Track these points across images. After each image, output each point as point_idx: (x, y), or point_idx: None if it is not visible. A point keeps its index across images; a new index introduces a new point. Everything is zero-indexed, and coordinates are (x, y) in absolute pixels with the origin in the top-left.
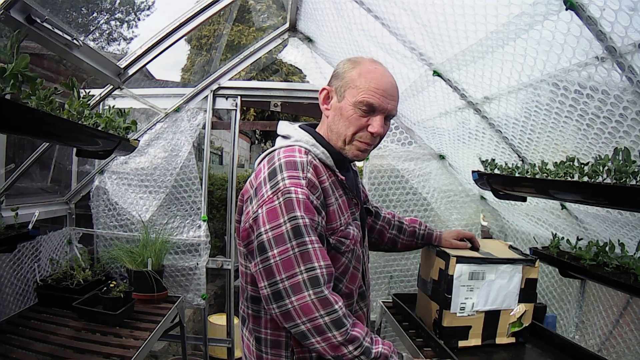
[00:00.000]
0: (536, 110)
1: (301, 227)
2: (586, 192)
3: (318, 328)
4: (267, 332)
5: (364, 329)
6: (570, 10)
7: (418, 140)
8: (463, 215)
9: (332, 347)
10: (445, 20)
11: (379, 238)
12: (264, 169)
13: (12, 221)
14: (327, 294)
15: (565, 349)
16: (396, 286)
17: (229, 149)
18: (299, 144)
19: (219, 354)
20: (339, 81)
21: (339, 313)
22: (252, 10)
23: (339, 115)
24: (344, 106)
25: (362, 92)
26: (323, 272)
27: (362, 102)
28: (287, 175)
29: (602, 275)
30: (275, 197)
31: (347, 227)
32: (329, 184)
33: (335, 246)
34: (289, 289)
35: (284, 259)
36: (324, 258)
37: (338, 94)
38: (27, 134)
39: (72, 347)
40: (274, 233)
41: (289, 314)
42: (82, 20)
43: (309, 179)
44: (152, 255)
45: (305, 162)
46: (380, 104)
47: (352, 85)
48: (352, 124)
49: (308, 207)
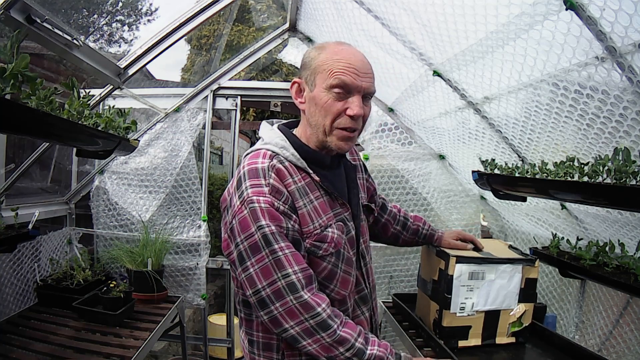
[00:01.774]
0: (536, 110)
1: (268, 236)
2: (586, 192)
3: (306, 331)
4: (258, 335)
5: (355, 329)
6: (570, 10)
7: (418, 140)
8: (463, 215)
9: (324, 348)
10: (445, 20)
11: (382, 231)
12: (235, 177)
13: (12, 221)
14: (308, 297)
15: (565, 349)
16: (396, 286)
17: (229, 149)
18: (267, 147)
19: (219, 354)
20: (307, 71)
21: (323, 315)
22: (252, 10)
23: (314, 105)
24: (316, 94)
25: (332, 73)
26: (299, 277)
27: (334, 84)
28: (249, 184)
29: (602, 275)
30: (244, 207)
31: (325, 229)
32: (298, 187)
33: (310, 250)
34: (272, 296)
35: (262, 267)
36: (298, 262)
37: (309, 84)
38: (27, 134)
39: (72, 347)
40: (248, 242)
41: (277, 320)
42: (82, 21)
43: (272, 185)
44: (152, 255)
45: (266, 167)
46: (353, 81)
47: (321, 69)
48: (329, 111)
49: (272, 214)
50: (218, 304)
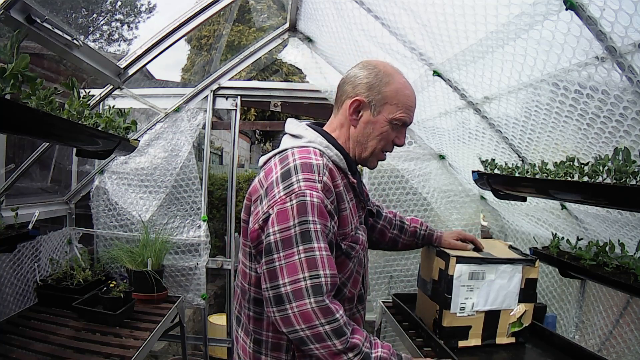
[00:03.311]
0: (536, 110)
1: (311, 232)
2: (586, 192)
3: (318, 336)
4: (268, 335)
5: (363, 335)
6: (570, 10)
7: (418, 140)
8: (463, 215)
9: (332, 354)
10: (445, 20)
11: (380, 237)
12: (276, 169)
13: (12, 221)
14: (329, 302)
15: (565, 349)
16: (396, 286)
17: (229, 149)
18: (313, 145)
19: (219, 354)
20: (372, 94)
21: (340, 322)
22: (252, 10)
23: (371, 129)
24: (379, 121)
25: (401, 110)
26: (327, 281)
27: (399, 120)
28: (302, 177)
29: (602, 275)
30: (288, 199)
31: (357, 231)
32: (342, 187)
33: (346, 251)
34: (291, 294)
35: (288, 263)
36: (331, 267)
37: (372, 108)
38: (27, 134)
39: (72, 347)
40: (282, 235)
41: (289, 319)
42: (82, 21)
43: (325, 183)
44: (152, 255)
45: (321, 165)
46: (412, 119)
47: (390, 102)
48: (384, 139)
49: (322, 211)
50: (218, 304)
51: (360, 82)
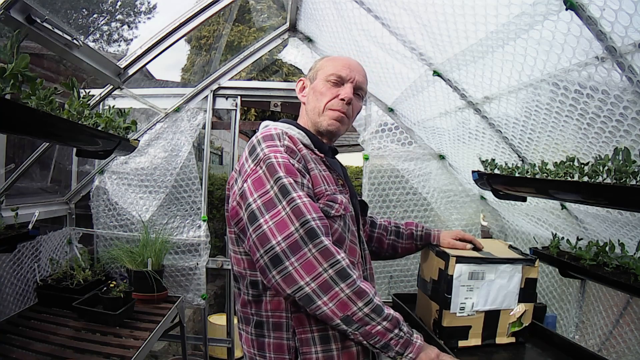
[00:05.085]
0: (536, 110)
1: (287, 186)
2: (586, 192)
3: (323, 285)
4: (268, 315)
5: (371, 287)
6: (570, 10)
7: (418, 140)
8: (463, 215)
9: (341, 304)
10: (445, 20)
11: (379, 246)
12: (245, 152)
13: (12, 221)
14: (328, 243)
15: (565, 349)
16: (396, 286)
17: (229, 149)
18: (274, 126)
19: (219, 354)
20: (311, 71)
21: (342, 263)
22: (252, 10)
23: (312, 93)
24: (316, 84)
25: (331, 68)
26: (317, 224)
27: (331, 75)
28: (265, 145)
29: (602, 275)
30: (258, 167)
31: (334, 194)
32: (306, 152)
33: (323, 210)
34: (287, 250)
35: (277, 222)
36: (316, 210)
37: (311, 80)
38: (27, 134)
39: (72, 347)
40: (262, 200)
41: (291, 277)
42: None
43: (287, 146)
44: (152, 255)
45: (280, 133)
46: (348, 73)
47: (322, 67)
48: (324, 94)
49: (289, 168)
50: (218, 304)
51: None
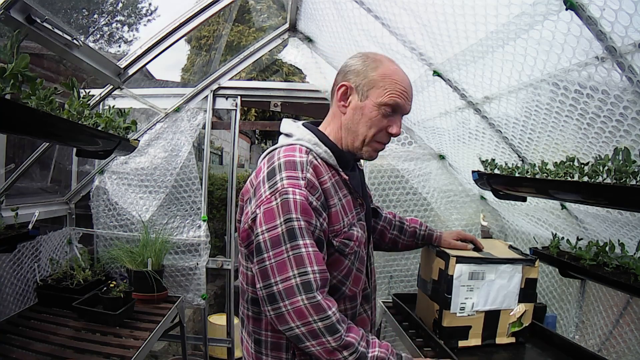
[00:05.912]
0: (536, 110)
1: (295, 230)
2: (586, 192)
3: (312, 332)
4: (267, 335)
5: (359, 334)
6: (570, 10)
7: (418, 140)
8: (463, 215)
9: (327, 351)
10: (445, 20)
11: (380, 238)
12: (264, 168)
13: (12, 221)
14: (320, 299)
15: (565, 349)
16: (396, 286)
17: (229, 149)
18: (301, 143)
19: (219, 354)
20: (359, 79)
21: (332, 319)
22: (252, 11)
23: (360, 115)
24: (367, 106)
25: (389, 93)
26: (316, 278)
27: (388, 104)
28: (285, 175)
29: (602, 275)
30: (273, 198)
31: (351, 228)
32: (331, 184)
33: (339, 248)
34: (283, 292)
35: (278, 262)
36: (318, 262)
37: (359, 93)
38: (27, 134)
39: (72, 347)
40: (270, 234)
41: (284, 317)
42: (82, 21)
43: (308, 180)
44: (152, 255)
45: (305, 162)
46: (404, 104)
47: (377, 85)
48: (375, 125)
49: (305, 208)
50: (218, 304)
51: (349, 70)
